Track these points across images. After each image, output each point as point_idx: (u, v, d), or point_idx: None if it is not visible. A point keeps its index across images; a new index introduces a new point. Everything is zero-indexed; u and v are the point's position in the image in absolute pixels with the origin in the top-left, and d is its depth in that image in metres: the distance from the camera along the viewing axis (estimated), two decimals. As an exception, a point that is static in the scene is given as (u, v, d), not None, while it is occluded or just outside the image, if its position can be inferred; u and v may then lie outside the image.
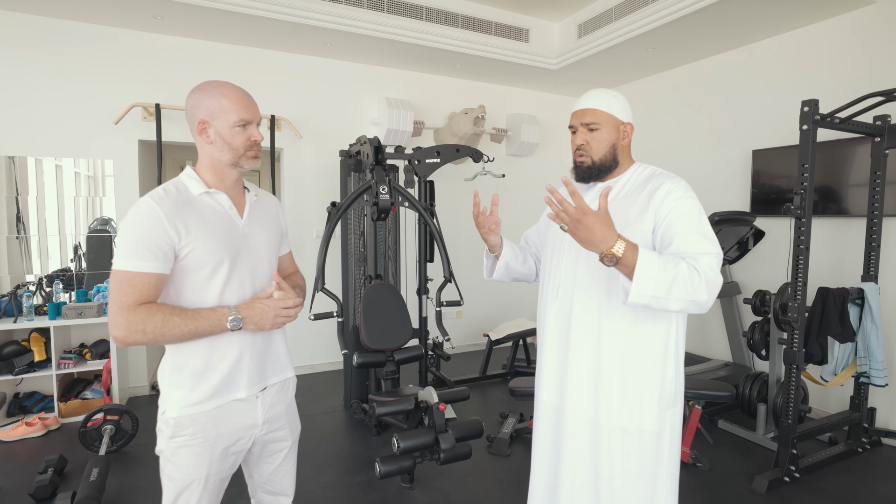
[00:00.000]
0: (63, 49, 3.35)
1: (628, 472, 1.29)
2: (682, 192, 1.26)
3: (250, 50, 3.88)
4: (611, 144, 1.33)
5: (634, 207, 1.29)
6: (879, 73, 3.01)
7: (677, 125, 4.33)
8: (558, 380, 1.39)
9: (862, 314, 2.73)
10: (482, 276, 5.40)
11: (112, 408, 2.79)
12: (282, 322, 1.24)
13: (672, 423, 1.31)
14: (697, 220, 1.23)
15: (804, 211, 2.42)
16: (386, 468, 2.08)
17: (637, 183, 1.34)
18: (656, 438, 1.29)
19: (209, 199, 1.23)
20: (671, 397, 1.30)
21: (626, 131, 1.35)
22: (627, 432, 1.29)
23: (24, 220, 3.40)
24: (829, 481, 2.52)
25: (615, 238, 1.10)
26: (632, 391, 1.28)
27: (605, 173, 1.36)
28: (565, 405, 1.37)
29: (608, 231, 1.10)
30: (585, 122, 1.34)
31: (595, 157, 1.34)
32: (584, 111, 1.34)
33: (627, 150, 1.38)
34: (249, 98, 1.24)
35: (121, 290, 1.10)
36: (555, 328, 1.40)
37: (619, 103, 1.34)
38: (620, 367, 1.29)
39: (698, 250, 1.18)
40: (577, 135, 1.36)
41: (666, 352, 1.29)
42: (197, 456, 1.20)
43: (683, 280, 1.11)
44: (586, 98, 1.36)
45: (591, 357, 1.32)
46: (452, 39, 3.87)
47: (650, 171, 1.35)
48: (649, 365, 1.28)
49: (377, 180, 2.75)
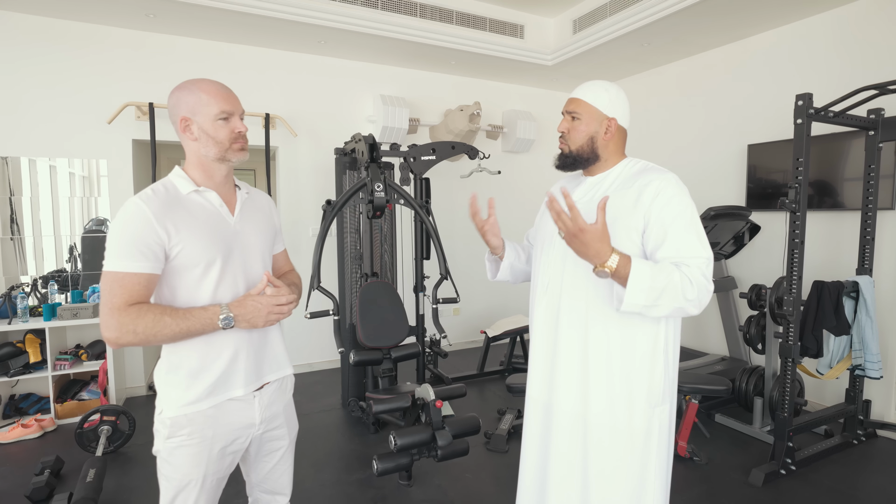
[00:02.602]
0: (55, 48, 3.33)
1: (616, 469, 1.29)
2: (674, 190, 1.24)
3: (244, 48, 3.86)
4: (589, 136, 1.33)
5: (624, 203, 1.27)
6: (873, 67, 3.02)
7: (672, 120, 4.33)
8: (547, 376, 1.39)
9: (857, 307, 2.75)
10: (479, 274, 5.41)
11: (109, 408, 2.78)
12: (275, 319, 1.23)
13: (661, 421, 1.31)
14: (690, 221, 1.22)
15: (799, 205, 2.42)
16: (383, 465, 2.08)
17: (627, 178, 1.32)
18: (645, 435, 1.29)
19: (199, 198, 1.22)
20: (660, 395, 1.30)
21: (609, 126, 1.32)
22: (616, 429, 1.29)
23: (19, 220, 3.38)
24: (825, 473, 2.54)
25: (609, 253, 1.12)
26: (620, 388, 1.28)
27: (584, 164, 1.36)
28: (554, 401, 1.36)
29: (603, 247, 1.12)
30: (569, 111, 1.35)
31: (573, 146, 1.34)
32: (571, 100, 1.36)
33: (613, 145, 1.35)
34: (228, 90, 1.23)
35: (111, 291, 1.09)
36: (544, 324, 1.40)
37: (607, 98, 1.32)
38: (608, 364, 1.29)
39: (690, 254, 1.19)
40: (563, 121, 1.38)
41: (654, 349, 1.29)
42: (194, 456, 1.20)
43: (675, 290, 1.14)
44: (578, 88, 1.37)
45: (579, 353, 1.32)
46: (447, 36, 3.86)
47: (641, 165, 1.34)
48: (637, 362, 1.28)
49: (372, 178, 2.74)
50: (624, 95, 1.36)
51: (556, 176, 5.87)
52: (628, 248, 1.23)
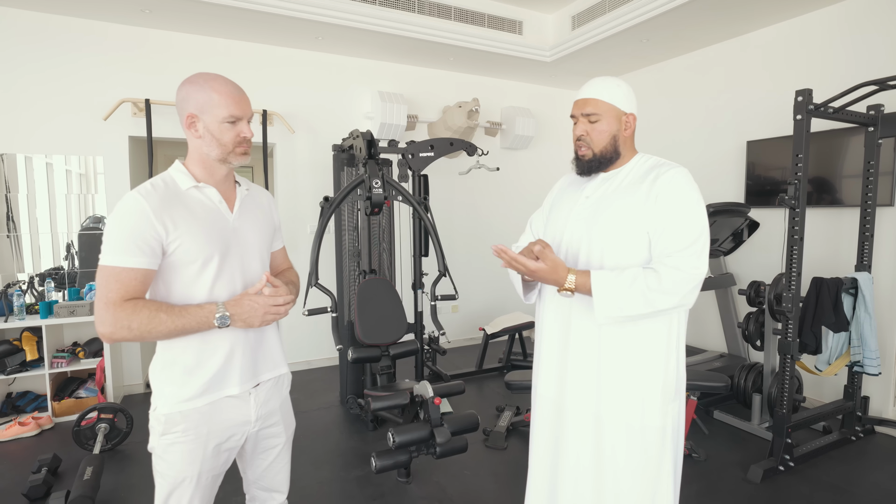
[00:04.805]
0: (51, 44, 3.30)
1: (632, 467, 1.27)
2: (683, 186, 1.23)
3: (241, 44, 3.84)
4: (612, 136, 1.30)
5: (635, 199, 1.26)
6: (873, 63, 3.01)
7: (671, 116, 4.32)
8: (558, 374, 1.37)
9: (855, 304, 2.75)
10: (477, 270, 5.38)
11: (106, 406, 2.77)
12: (271, 319, 1.22)
13: (674, 417, 1.30)
14: (690, 216, 1.22)
15: (798, 201, 2.42)
16: (382, 463, 2.08)
17: (639, 174, 1.30)
18: (660, 433, 1.27)
19: (198, 194, 1.21)
20: (673, 390, 1.29)
21: (628, 122, 1.31)
22: (631, 427, 1.27)
23: (15, 218, 3.36)
24: (823, 469, 2.54)
25: (565, 276, 1.22)
26: (634, 385, 1.27)
27: (607, 165, 1.33)
28: (566, 399, 1.35)
29: (557, 275, 1.23)
30: (586, 113, 1.30)
31: (595, 148, 1.31)
32: (586, 101, 1.30)
33: (630, 141, 1.34)
34: (241, 93, 1.21)
35: (107, 286, 1.08)
36: (554, 321, 1.38)
37: (622, 93, 1.30)
38: (622, 361, 1.27)
39: (676, 248, 1.20)
40: (578, 125, 1.33)
41: (668, 344, 1.28)
42: (189, 453, 1.19)
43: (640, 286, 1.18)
44: (588, 87, 1.32)
45: (592, 351, 1.30)
46: (445, 32, 3.84)
47: (653, 161, 1.32)
48: (651, 358, 1.27)
49: (370, 174, 2.73)
50: (631, 88, 1.35)
51: (554, 172, 5.85)
52: (640, 246, 1.24)
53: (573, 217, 1.36)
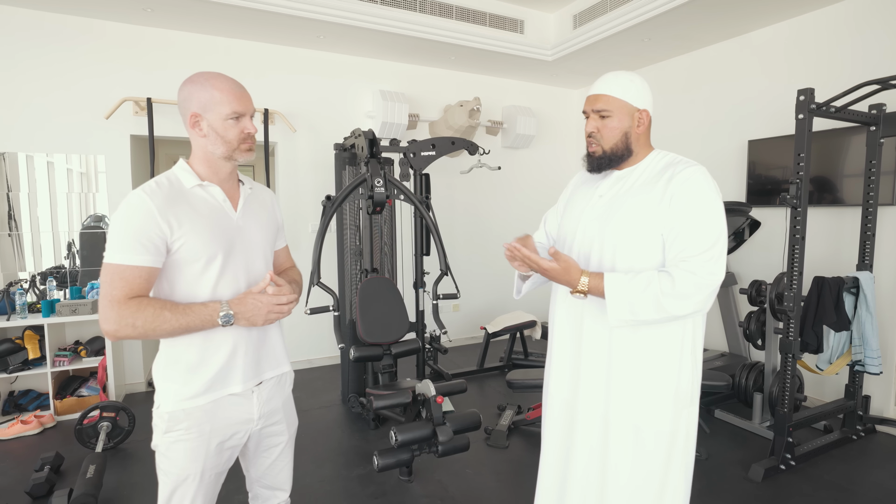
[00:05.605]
0: (52, 43, 3.30)
1: (635, 470, 1.26)
2: (700, 185, 1.19)
3: (242, 42, 3.84)
4: (623, 133, 1.27)
5: (650, 198, 1.23)
6: (875, 62, 3.01)
7: (672, 116, 4.32)
8: (571, 375, 1.36)
9: (857, 303, 2.75)
10: (479, 269, 5.38)
11: (108, 405, 2.78)
12: (274, 318, 1.23)
13: (687, 423, 1.27)
14: (707, 217, 1.19)
15: (800, 200, 2.42)
16: (384, 461, 2.08)
17: (655, 171, 1.27)
18: (670, 438, 1.25)
19: (202, 192, 1.21)
20: (688, 396, 1.26)
21: (640, 119, 1.27)
22: (640, 431, 1.26)
23: (17, 217, 3.36)
24: (824, 468, 2.54)
25: (578, 277, 1.21)
26: (645, 389, 1.25)
27: (618, 162, 1.30)
28: (578, 401, 1.33)
29: (570, 276, 1.22)
30: (597, 109, 1.27)
31: (606, 145, 1.28)
32: (597, 97, 1.28)
33: (644, 138, 1.31)
34: (242, 89, 1.21)
35: (111, 284, 1.09)
36: (567, 323, 1.36)
37: (635, 88, 1.26)
38: (632, 364, 1.25)
39: (692, 252, 1.17)
40: (589, 122, 1.30)
41: (682, 348, 1.25)
42: (192, 451, 1.19)
43: (654, 290, 1.16)
44: (600, 82, 1.29)
45: (602, 353, 1.29)
46: (447, 31, 3.84)
47: (669, 158, 1.29)
48: (664, 362, 1.24)
49: (372, 173, 2.73)
50: (646, 82, 1.31)
51: (555, 171, 5.82)
52: (654, 248, 1.22)
53: (586, 216, 1.34)
